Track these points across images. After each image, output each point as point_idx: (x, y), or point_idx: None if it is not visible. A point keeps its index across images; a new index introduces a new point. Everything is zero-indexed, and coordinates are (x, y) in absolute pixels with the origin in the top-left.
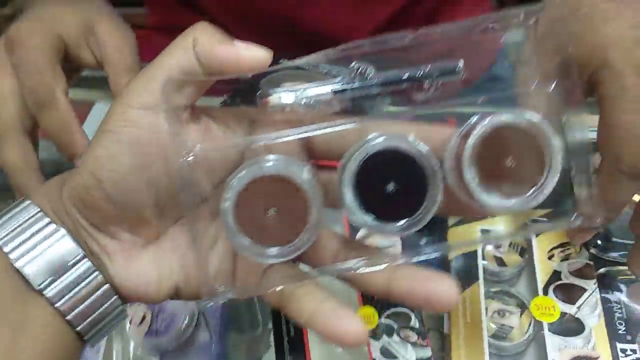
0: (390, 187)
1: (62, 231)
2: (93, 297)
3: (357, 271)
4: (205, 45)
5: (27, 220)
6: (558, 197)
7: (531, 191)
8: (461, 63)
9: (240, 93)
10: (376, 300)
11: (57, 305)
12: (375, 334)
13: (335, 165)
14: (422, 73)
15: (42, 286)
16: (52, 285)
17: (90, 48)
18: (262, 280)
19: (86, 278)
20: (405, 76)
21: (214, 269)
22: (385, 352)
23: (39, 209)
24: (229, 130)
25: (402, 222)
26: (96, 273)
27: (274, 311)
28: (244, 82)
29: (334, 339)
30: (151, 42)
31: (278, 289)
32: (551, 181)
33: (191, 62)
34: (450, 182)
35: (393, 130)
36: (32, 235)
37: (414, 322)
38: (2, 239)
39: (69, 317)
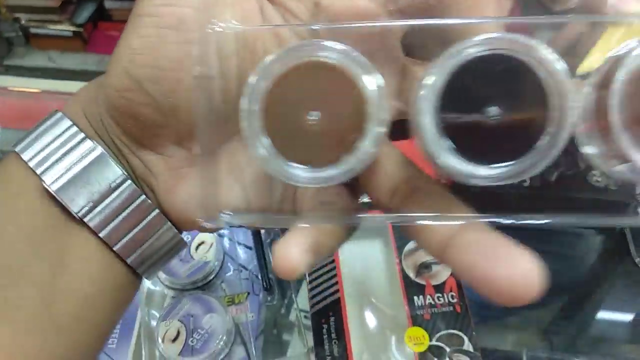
0: (492, 112)
1: (99, 149)
2: (142, 224)
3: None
4: None
5: (59, 136)
6: None
7: None
8: None
9: None
10: (427, 321)
11: (101, 234)
12: (425, 358)
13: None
14: None
15: (81, 213)
16: (94, 212)
17: None
18: (292, 210)
19: (132, 203)
20: None
21: (231, 188)
22: None
23: (71, 123)
24: (290, 16)
25: (503, 165)
26: (143, 197)
27: (316, 329)
28: None
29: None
30: None
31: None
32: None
33: None
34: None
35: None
36: (66, 153)
37: (467, 345)
38: (33, 158)
39: (116, 248)
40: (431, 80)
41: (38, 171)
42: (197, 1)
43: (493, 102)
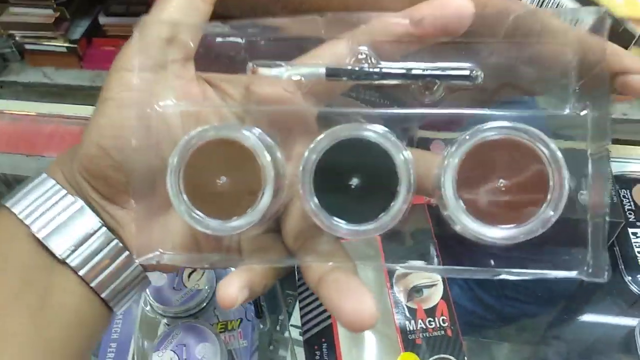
0: (355, 181)
1: (80, 202)
2: (114, 264)
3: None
4: None
5: (44, 193)
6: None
7: (529, 221)
8: (479, 71)
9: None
10: (419, 346)
11: (80, 273)
12: None
13: None
14: (431, 71)
15: (64, 255)
16: (74, 254)
17: None
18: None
19: (105, 246)
20: (411, 72)
21: (161, 234)
22: None
23: (54, 182)
24: (227, 97)
25: (375, 220)
26: (115, 241)
27: (308, 355)
28: (234, 54)
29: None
30: None
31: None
32: (551, 210)
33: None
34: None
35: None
36: (51, 207)
37: None
38: (22, 211)
39: (93, 284)
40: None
41: (27, 222)
42: (148, 85)
43: (355, 173)
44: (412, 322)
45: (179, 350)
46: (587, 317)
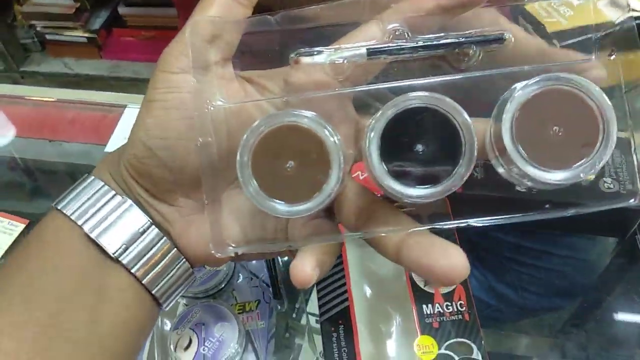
0: (419, 147)
1: (129, 202)
2: (163, 261)
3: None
4: None
5: (93, 194)
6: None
7: (582, 162)
8: (508, 34)
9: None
10: (436, 329)
11: (133, 270)
12: None
13: None
14: (465, 39)
15: (117, 254)
16: (126, 253)
17: None
18: (284, 236)
19: (155, 244)
20: (447, 41)
21: (232, 226)
22: None
23: (103, 184)
24: (266, 91)
25: (429, 187)
26: (164, 239)
27: (325, 337)
28: (270, 48)
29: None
30: None
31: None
32: (606, 152)
33: (225, 7)
34: (493, 161)
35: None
36: (101, 207)
37: (476, 354)
38: (74, 212)
39: (144, 282)
40: (376, 126)
41: (79, 222)
42: (193, 87)
43: (420, 141)
44: (430, 305)
45: (197, 329)
46: (608, 310)
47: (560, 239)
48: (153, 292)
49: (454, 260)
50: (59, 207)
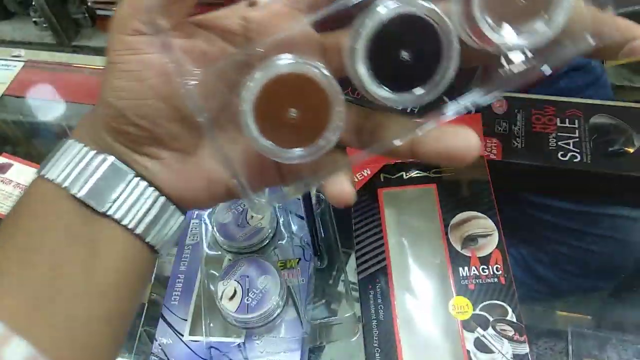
0: (405, 54)
1: (110, 158)
2: (153, 210)
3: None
4: None
5: (75, 156)
6: None
7: (542, 22)
8: None
9: None
10: (472, 291)
11: (124, 222)
12: (469, 326)
13: None
14: None
15: (106, 209)
16: (114, 206)
17: None
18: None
19: (142, 194)
20: None
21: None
22: (479, 345)
23: (82, 145)
24: (228, 34)
25: (418, 89)
26: (151, 189)
27: (363, 295)
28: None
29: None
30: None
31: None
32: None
33: None
34: (462, 34)
35: None
36: (84, 168)
37: (511, 316)
38: (58, 176)
39: (138, 232)
40: (361, 35)
41: (64, 185)
42: (147, 45)
43: (404, 47)
44: (466, 268)
45: (242, 281)
46: None
47: (600, 218)
48: (147, 240)
49: (467, 139)
50: (41, 174)
